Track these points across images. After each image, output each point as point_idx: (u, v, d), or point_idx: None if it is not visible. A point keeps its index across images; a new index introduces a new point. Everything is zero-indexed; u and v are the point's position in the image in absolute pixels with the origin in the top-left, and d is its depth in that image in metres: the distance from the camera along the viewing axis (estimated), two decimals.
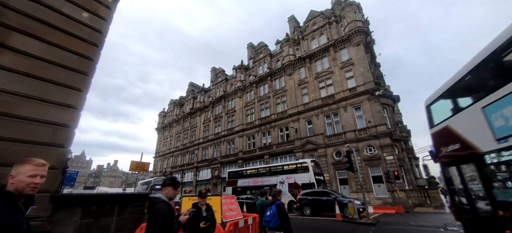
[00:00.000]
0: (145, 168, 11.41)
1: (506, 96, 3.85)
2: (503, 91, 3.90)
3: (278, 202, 3.85)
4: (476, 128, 4.64)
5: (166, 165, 46.51)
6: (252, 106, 32.72)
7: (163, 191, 2.46)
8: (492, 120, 4.25)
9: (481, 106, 4.49)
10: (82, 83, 4.12)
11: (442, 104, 6.09)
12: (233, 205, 5.62)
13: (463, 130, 5.10)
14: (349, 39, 24.33)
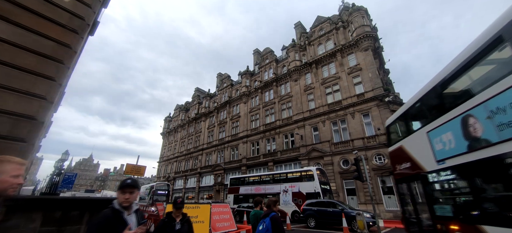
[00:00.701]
0: (140, 172, 10.96)
1: (444, 124, 4.45)
2: (442, 119, 4.51)
3: (273, 214, 3.23)
4: (423, 150, 5.18)
5: (169, 170, 46.22)
6: (257, 112, 32.20)
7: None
8: (434, 143, 4.82)
9: (426, 131, 5.07)
10: (56, 72, 3.69)
11: (398, 126, 6.77)
12: (226, 214, 5.01)
13: (413, 150, 5.69)
14: (357, 44, 23.69)
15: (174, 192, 41.27)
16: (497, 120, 3.41)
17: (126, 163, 10.63)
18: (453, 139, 4.28)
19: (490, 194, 3.95)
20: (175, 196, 5.53)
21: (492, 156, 3.52)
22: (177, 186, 41.83)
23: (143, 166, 11.15)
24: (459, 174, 4.42)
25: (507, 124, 3.25)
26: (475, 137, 3.86)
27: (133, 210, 1.96)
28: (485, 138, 3.65)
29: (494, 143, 3.49)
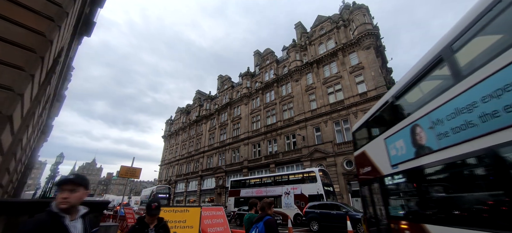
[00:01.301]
0: (136, 174, 10.58)
1: (397, 132, 4.93)
2: (396, 127, 4.98)
3: (267, 217, 2.81)
4: (381, 155, 5.61)
5: (171, 173, 45.89)
6: (258, 113, 31.80)
7: None
8: (389, 149, 5.27)
9: (384, 137, 5.51)
10: (26, 61, 3.34)
11: (362, 132, 7.20)
12: (220, 218, 4.59)
13: (373, 155, 6.15)
14: (358, 42, 23.26)
15: (175, 195, 40.88)
16: (437, 130, 3.84)
17: (121, 165, 10.31)
18: (404, 146, 4.75)
19: (432, 196, 4.33)
20: (149, 200, 5.14)
21: (432, 162, 3.97)
22: (179, 189, 41.44)
23: (138, 168, 10.76)
24: (408, 178, 4.83)
25: (444, 134, 3.69)
26: (421, 144, 4.29)
27: (79, 214, 1.57)
28: (428, 146, 4.07)
29: (434, 150, 3.91)
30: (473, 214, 3.50)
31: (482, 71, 3.09)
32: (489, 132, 2.95)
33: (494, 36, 3.23)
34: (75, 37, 7.75)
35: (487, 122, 2.99)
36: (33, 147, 14.28)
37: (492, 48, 3.13)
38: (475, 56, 3.38)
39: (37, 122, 7.67)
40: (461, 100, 3.42)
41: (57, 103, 27.33)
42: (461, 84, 3.44)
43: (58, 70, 6.96)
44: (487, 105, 2.99)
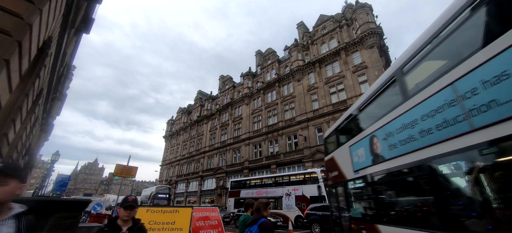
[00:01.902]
0: (132, 173, 10.28)
1: (359, 141, 5.47)
2: (359, 137, 5.54)
3: (262, 220, 2.47)
4: (346, 161, 6.18)
5: (172, 174, 45.66)
6: (259, 113, 31.46)
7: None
8: (353, 156, 5.82)
9: (349, 145, 6.09)
10: (2, 44, 3.03)
11: (332, 139, 7.82)
12: (214, 220, 4.25)
13: (340, 161, 6.74)
14: (361, 41, 22.85)
15: (176, 195, 40.62)
16: (389, 142, 4.34)
17: (116, 163, 10.02)
18: (364, 154, 5.28)
19: (383, 199, 4.91)
20: (126, 196, 4.81)
21: (384, 170, 4.51)
22: (179, 189, 41.17)
23: (134, 167, 10.47)
24: (366, 182, 5.32)
25: (394, 145, 4.20)
26: (377, 153, 4.80)
27: (10, 214, 1.23)
28: (382, 155, 4.59)
29: (386, 159, 4.43)
30: (413, 216, 4.03)
31: (422, 94, 3.59)
32: (425, 146, 3.48)
33: (435, 63, 3.74)
34: (69, 30, 7.48)
35: (424, 138, 3.50)
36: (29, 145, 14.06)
37: (430, 75, 3.63)
38: (419, 80, 3.90)
39: (28, 118, 7.40)
40: (407, 117, 3.93)
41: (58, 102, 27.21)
42: (407, 103, 3.95)
43: (49, 63, 6.68)
44: (425, 123, 3.51)
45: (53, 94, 16.52)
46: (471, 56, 2.81)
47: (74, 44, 13.43)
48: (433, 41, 3.55)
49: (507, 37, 2.39)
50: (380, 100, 5.08)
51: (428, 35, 3.67)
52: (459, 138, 2.94)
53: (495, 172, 2.69)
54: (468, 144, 2.81)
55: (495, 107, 2.47)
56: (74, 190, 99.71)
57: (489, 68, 2.56)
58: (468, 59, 2.86)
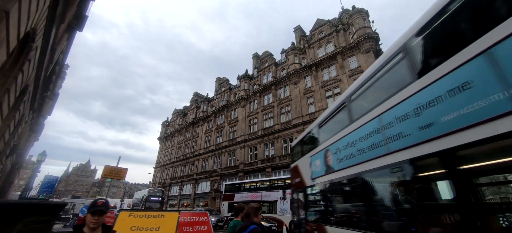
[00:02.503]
0: (121, 174, 9.92)
1: (317, 153, 6.38)
2: (317, 149, 6.45)
3: (252, 227, 2.26)
4: (306, 169, 7.07)
5: (165, 176, 44.89)
6: (255, 116, 31.26)
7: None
8: (312, 165, 6.69)
9: (309, 156, 6.98)
10: None
11: (297, 149, 8.67)
12: (203, 225, 4.00)
13: (302, 169, 7.65)
14: (358, 46, 22.99)
15: (169, 199, 39.88)
16: (338, 156, 5.20)
17: (105, 164, 9.64)
18: (320, 164, 6.14)
19: (330, 205, 5.89)
20: (95, 199, 4.49)
21: (332, 179, 5.40)
22: (173, 192, 40.45)
23: (124, 168, 10.10)
24: (319, 189, 6.33)
25: (340, 159, 5.09)
26: (328, 165, 5.65)
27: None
28: (332, 166, 5.46)
29: (335, 170, 5.27)
30: (351, 218, 4.85)
31: (361, 120, 4.47)
32: (360, 163, 4.33)
33: (371, 96, 4.59)
34: (57, 24, 7.18)
35: (359, 155, 4.38)
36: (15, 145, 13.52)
37: (367, 105, 4.48)
38: (360, 108, 4.77)
39: (11, 115, 7.03)
40: (350, 137, 4.81)
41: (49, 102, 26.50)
42: (351, 125, 4.84)
43: (34, 58, 6.37)
44: (361, 143, 4.38)
45: (44, 93, 16.05)
46: (390, 98, 3.73)
47: (65, 41, 13.05)
48: (370, 80, 4.49)
49: (406, 91, 3.38)
50: (334, 120, 6.02)
51: (367, 74, 4.63)
52: (380, 158, 3.83)
53: (401, 185, 3.54)
54: (385, 163, 3.71)
55: (401, 139, 3.41)
56: (64, 192, 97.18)
57: (399, 109, 3.51)
58: (388, 99, 3.76)
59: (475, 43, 2.49)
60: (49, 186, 13.61)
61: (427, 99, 3.02)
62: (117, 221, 3.07)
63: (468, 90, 2.49)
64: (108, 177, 9.56)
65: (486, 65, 2.35)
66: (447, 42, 3.07)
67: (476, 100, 2.39)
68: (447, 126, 2.71)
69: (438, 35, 3.19)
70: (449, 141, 2.68)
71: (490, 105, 2.26)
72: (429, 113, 2.99)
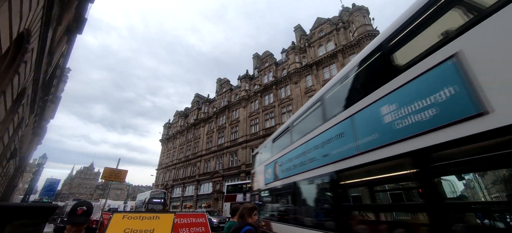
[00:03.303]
0: (121, 176, 9.86)
1: (270, 163, 8.06)
2: (269, 160, 8.17)
3: (246, 228, 2.16)
4: (262, 175, 8.79)
5: (168, 178, 44.94)
6: (256, 116, 31.15)
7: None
8: (266, 173, 8.36)
9: (264, 164, 8.62)
10: None
11: (256, 157, 10.52)
12: (200, 226, 3.90)
13: (259, 175, 9.27)
14: (358, 44, 22.79)
15: (172, 200, 39.89)
16: (282, 167, 6.84)
17: (105, 166, 9.58)
18: (271, 173, 7.75)
19: (275, 205, 7.49)
20: (74, 203, 4.18)
21: (277, 185, 7.07)
22: (175, 194, 40.47)
23: (123, 170, 10.05)
24: (270, 193, 7.92)
25: (284, 170, 6.69)
26: (276, 174, 7.29)
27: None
28: (278, 175, 7.10)
29: (280, 179, 6.92)
30: (288, 215, 6.34)
31: (296, 143, 6.17)
32: (294, 174, 5.96)
33: (303, 126, 6.31)
34: (53, 26, 7.16)
35: (294, 169, 6.01)
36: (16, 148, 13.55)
37: (300, 133, 6.20)
38: (297, 133, 6.47)
39: (9, 118, 7.01)
40: (290, 154, 6.44)
41: (51, 105, 26.61)
42: (291, 145, 6.50)
43: (31, 60, 6.33)
44: (295, 161, 6.02)
45: (45, 96, 16.10)
46: (311, 131, 5.45)
47: (65, 44, 13.05)
48: (303, 115, 6.41)
49: (319, 129, 5.06)
50: (282, 138, 7.74)
51: (302, 111, 6.64)
52: (304, 173, 5.46)
53: (316, 192, 5.26)
54: (306, 177, 5.36)
55: (314, 161, 5.04)
56: (68, 195, 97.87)
57: (314, 141, 5.20)
58: (310, 132, 5.47)
59: (345, 111, 4.27)
60: (50, 189, 13.59)
61: (326, 138, 4.76)
62: (110, 223, 2.98)
63: (343, 137, 4.19)
64: (108, 179, 9.52)
65: (350, 124, 4.05)
66: (335, 105, 4.86)
67: (346, 144, 4.06)
68: (334, 157, 4.40)
69: (333, 101, 5.08)
70: (335, 166, 4.30)
71: (350, 149, 3.94)
72: (327, 147, 4.69)
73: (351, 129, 4.00)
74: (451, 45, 2.54)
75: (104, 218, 7.82)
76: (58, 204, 27.29)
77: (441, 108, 2.52)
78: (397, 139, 3.04)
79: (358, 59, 4.27)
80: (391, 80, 3.29)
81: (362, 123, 3.81)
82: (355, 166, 3.79)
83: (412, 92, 2.93)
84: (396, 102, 3.15)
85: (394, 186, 4.11)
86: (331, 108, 4.94)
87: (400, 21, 3.36)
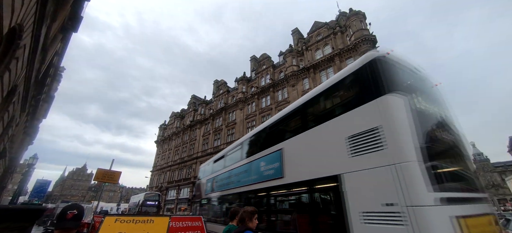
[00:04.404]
0: (114, 178, 9.62)
1: (209, 178, 11.27)
2: (210, 176, 11.33)
3: (247, 232, 2.03)
4: (203, 187, 11.93)
5: (163, 180, 44.32)
6: (253, 118, 31.06)
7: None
8: (206, 186, 11.43)
9: (206, 179, 11.87)
10: None
11: (200, 171, 14.41)
12: (197, 230, 3.77)
13: (201, 186, 12.42)
14: (355, 48, 23.01)
15: (166, 202, 39.29)
16: (218, 183, 9.98)
17: (98, 168, 9.34)
18: (210, 186, 10.88)
19: (211, 210, 10.28)
20: (64, 206, 4.05)
21: (214, 196, 10.14)
22: (170, 196, 39.88)
23: (117, 172, 9.82)
24: (208, 201, 10.90)
25: (218, 185, 9.90)
26: (213, 187, 10.40)
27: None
28: (214, 188, 10.21)
29: (216, 191, 10.03)
30: (219, 216, 9.09)
31: (225, 168, 9.53)
32: (224, 190, 9.11)
33: (227, 160, 9.90)
34: (48, 22, 6.97)
35: (221, 186, 9.46)
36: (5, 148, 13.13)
37: (226, 164, 9.77)
38: (228, 161, 9.72)
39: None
40: (222, 175, 9.59)
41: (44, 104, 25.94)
42: (223, 169, 9.69)
43: (23, 57, 6.14)
44: (221, 182, 9.64)
45: (37, 95, 15.69)
46: (233, 164, 8.86)
47: (60, 42, 12.80)
48: (232, 149, 9.55)
49: (231, 166, 9.11)
50: (220, 162, 10.61)
51: (232, 147, 9.79)
52: (229, 190, 8.56)
53: (229, 202, 8.70)
54: (230, 193, 8.47)
55: (223, 186, 9.28)
56: (60, 196, 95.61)
57: (224, 174, 9.54)
58: (233, 164, 8.82)
59: (248, 158, 7.82)
60: (40, 191, 13.19)
61: (240, 171, 7.91)
62: (102, 227, 2.83)
63: (246, 172, 7.53)
64: (101, 181, 9.26)
65: (249, 166, 7.47)
66: (245, 152, 8.31)
67: (248, 177, 7.38)
68: (242, 183, 7.51)
69: (245, 148, 8.48)
70: (241, 189, 7.55)
71: (248, 180, 7.26)
72: (239, 176, 7.88)
73: (250, 169, 7.40)
74: (280, 145, 6.07)
75: (95, 221, 7.60)
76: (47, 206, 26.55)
77: (274, 170, 5.97)
78: (264, 179, 6.41)
79: (254, 132, 8.43)
80: (263, 150, 6.94)
81: (254, 167, 7.18)
82: (250, 190, 7.09)
83: (268, 159, 6.49)
84: (264, 161, 6.69)
85: (263, 201, 6.61)
86: (243, 153, 8.38)
87: (268, 123, 7.58)
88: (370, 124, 3.73)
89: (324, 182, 4.36)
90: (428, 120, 3.99)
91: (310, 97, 5.64)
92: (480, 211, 3.54)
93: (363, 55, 4.49)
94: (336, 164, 4.13)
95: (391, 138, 3.39)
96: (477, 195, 3.83)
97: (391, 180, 3.19)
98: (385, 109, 3.62)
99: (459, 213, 3.02)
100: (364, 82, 4.17)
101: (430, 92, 4.55)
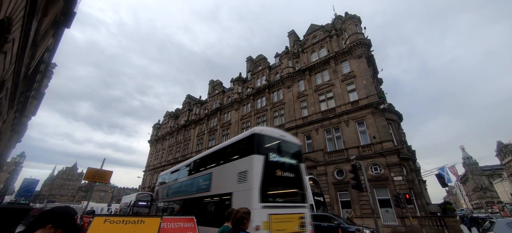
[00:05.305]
0: (105, 177, 9.40)
1: (165, 185, 15.32)
2: (166, 185, 15.26)
3: None
4: (161, 192, 15.66)
5: (155, 180, 43.66)
6: (248, 119, 31.01)
7: None
8: (164, 192, 15.02)
9: (163, 186, 15.67)
10: None
11: (160, 180, 17.39)
12: (189, 231, 3.71)
13: (159, 192, 16.09)
14: (350, 51, 23.29)
15: None
16: (172, 190, 13.59)
17: (88, 167, 9.11)
18: (165, 192, 14.64)
19: (167, 209, 13.60)
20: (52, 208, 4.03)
21: (169, 200, 13.62)
22: None
23: (108, 171, 9.60)
24: (164, 204, 14.28)
25: (173, 192, 13.45)
26: (168, 193, 14.13)
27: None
28: (170, 194, 13.88)
29: (171, 196, 13.45)
30: (172, 212, 12.57)
31: (178, 180, 13.14)
32: (175, 197, 12.83)
33: (181, 172, 13.24)
34: (38, 17, 6.78)
35: (173, 194, 13.25)
36: None
37: (182, 175, 13.01)
38: (180, 174, 13.36)
39: None
40: (176, 185, 13.22)
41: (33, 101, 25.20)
42: (177, 180, 13.25)
43: (11, 51, 5.94)
44: (174, 190, 13.18)
45: (27, 91, 15.23)
46: (183, 177, 12.65)
47: (51, 38, 12.46)
48: (185, 166, 13.02)
49: (180, 179, 13.13)
50: (175, 173, 13.72)
51: (185, 163, 13.21)
52: (173, 197, 13.07)
53: (181, 205, 11.77)
54: (179, 199, 12.15)
55: (175, 193, 12.94)
56: (48, 196, 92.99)
57: (176, 184, 13.36)
58: (183, 177, 12.64)
59: (191, 175, 11.78)
60: (28, 190, 12.75)
61: (187, 183, 11.66)
62: (90, 227, 2.74)
63: (191, 185, 11.08)
64: (92, 180, 9.04)
65: (193, 181, 11.21)
66: (192, 171, 11.92)
67: (191, 188, 11.04)
68: (187, 193, 11.29)
69: (192, 166, 12.00)
70: (187, 196, 11.14)
71: (191, 191, 10.89)
72: (186, 188, 11.56)
73: (192, 183, 10.61)
74: (210, 169, 9.67)
75: (84, 221, 7.39)
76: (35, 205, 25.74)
77: (206, 186, 9.44)
78: (201, 191, 9.79)
79: (199, 156, 11.80)
80: (198, 172, 10.80)
81: (196, 182, 10.38)
82: (192, 198, 10.22)
83: (204, 178, 9.84)
84: (201, 179, 10.03)
85: (199, 205, 9.42)
86: (191, 171, 11.51)
87: (205, 153, 11.59)
88: (245, 167, 7.23)
89: (226, 195, 7.73)
90: (275, 165, 7.40)
91: (224, 145, 9.68)
92: (286, 212, 6.89)
93: (250, 129, 8.27)
94: (231, 186, 7.57)
95: (250, 176, 6.87)
96: (292, 204, 7.37)
97: (249, 196, 6.58)
98: (251, 162, 7.07)
99: (271, 212, 6.44)
100: (246, 145, 7.72)
101: (285, 147, 8.09)
